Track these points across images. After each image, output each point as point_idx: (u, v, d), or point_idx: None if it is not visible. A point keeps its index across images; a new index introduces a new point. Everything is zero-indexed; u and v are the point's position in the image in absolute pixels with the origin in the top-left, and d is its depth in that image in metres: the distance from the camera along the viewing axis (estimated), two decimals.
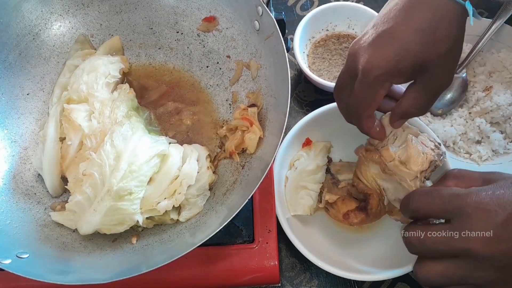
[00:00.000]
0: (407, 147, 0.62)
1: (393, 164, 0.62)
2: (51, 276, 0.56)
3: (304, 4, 0.97)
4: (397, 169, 0.62)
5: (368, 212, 0.66)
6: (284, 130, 0.61)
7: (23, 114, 0.75)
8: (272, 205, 0.70)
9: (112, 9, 0.80)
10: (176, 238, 0.65)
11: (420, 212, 0.54)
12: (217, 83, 0.78)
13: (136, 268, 0.56)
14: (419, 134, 0.65)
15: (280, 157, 0.73)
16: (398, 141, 0.65)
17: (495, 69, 0.83)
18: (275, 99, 0.69)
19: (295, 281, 0.74)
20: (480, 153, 0.78)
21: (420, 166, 0.60)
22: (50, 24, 0.78)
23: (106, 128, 0.68)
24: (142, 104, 0.76)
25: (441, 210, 0.52)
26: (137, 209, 0.63)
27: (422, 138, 0.64)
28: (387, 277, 0.68)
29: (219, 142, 0.75)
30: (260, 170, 0.63)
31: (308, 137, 0.77)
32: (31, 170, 0.72)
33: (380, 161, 0.64)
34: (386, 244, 0.72)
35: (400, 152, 0.63)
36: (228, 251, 0.68)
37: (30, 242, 0.64)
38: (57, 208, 0.69)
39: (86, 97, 0.71)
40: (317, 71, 0.86)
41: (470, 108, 0.81)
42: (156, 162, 0.65)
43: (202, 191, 0.68)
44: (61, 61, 0.78)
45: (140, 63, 0.81)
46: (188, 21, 0.80)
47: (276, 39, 0.67)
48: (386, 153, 0.63)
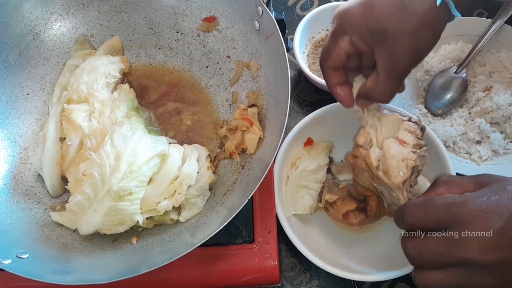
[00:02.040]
0: (384, 157, 0.58)
1: (378, 174, 0.59)
2: (51, 276, 0.56)
3: (304, 4, 0.97)
4: (382, 180, 0.59)
5: (368, 213, 0.66)
6: (284, 130, 0.61)
7: (23, 114, 0.75)
8: (272, 205, 0.70)
9: (112, 9, 0.80)
10: (176, 238, 0.65)
11: (415, 226, 0.53)
12: (217, 83, 0.78)
13: (136, 268, 0.56)
14: (395, 117, 0.61)
15: (281, 155, 0.73)
16: (375, 130, 0.63)
17: (495, 69, 0.83)
18: (275, 99, 0.69)
19: (295, 281, 0.74)
20: (480, 153, 0.78)
21: (402, 178, 0.57)
22: (50, 24, 0.78)
23: (106, 128, 0.68)
24: (142, 104, 0.76)
25: (437, 221, 0.51)
26: (137, 209, 0.63)
27: (401, 134, 0.59)
28: (387, 278, 0.68)
29: (219, 142, 0.75)
30: (260, 170, 0.63)
31: (309, 137, 0.77)
32: (31, 170, 0.72)
33: (367, 169, 0.61)
34: (386, 245, 0.72)
35: (381, 161, 0.59)
36: (228, 251, 0.68)
37: (30, 242, 0.64)
38: (57, 208, 0.69)
39: (86, 97, 0.71)
40: (317, 71, 0.86)
41: (470, 108, 0.81)
42: (156, 162, 0.65)
43: (202, 191, 0.68)
44: (61, 61, 0.78)
45: (140, 63, 0.81)
46: (188, 21, 0.80)
47: (276, 39, 0.67)
48: (369, 160, 0.60)
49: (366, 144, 0.63)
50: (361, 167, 0.62)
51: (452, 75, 0.82)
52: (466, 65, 0.82)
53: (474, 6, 0.95)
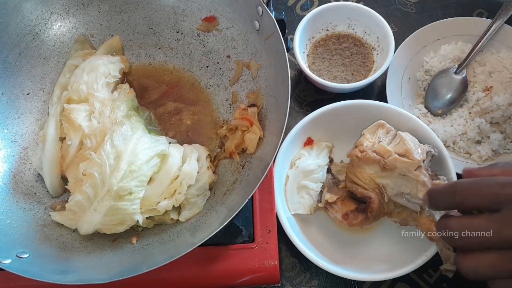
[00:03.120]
0: (401, 142, 0.67)
1: (394, 158, 0.65)
2: (51, 276, 0.56)
3: (304, 4, 0.97)
4: (398, 162, 0.64)
5: (368, 215, 0.66)
6: (284, 130, 0.61)
7: (23, 114, 0.75)
8: (272, 205, 0.70)
9: (112, 9, 0.80)
10: (176, 238, 0.65)
11: (465, 203, 0.52)
12: (217, 83, 0.78)
13: (136, 268, 0.56)
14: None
15: (281, 155, 0.73)
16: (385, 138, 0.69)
17: (495, 69, 0.83)
18: (275, 99, 0.69)
19: (295, 281, 0.74)
20: (480, 153, 0.78)
21: (420, 156, 0.65)
22: (50, 24, 0.78)
23: (106, 128, 0.68)
24: (142, 104, 0.76)
25: (490, 200, 0.50)
26: (137, 209, 0.63)
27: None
28: (387, 278, 0.68)
29: (219, 142, 0.75)
30: (260, 170, 0.63)
31: (309, 137, 0.77)
32: (31, 170, 0.72)
33: (378, 159, 0.65)
34: (386, 245, 0.72)
35: (395, 147, 0.66)
36: (228, 251, 0.68)
37: (30, 242, 0.64)
38: (57, 208, 0.69)
39: (86, 97, 0.71)
40: (317, 71, 0.86)
41: (470, 108, 0.81)
42: (156, 162, 0.65)
43: (202, 191, 0.68)
44: (61, 61, 0.78)
45: (140, 63, 0.81)
46: (188, 21, 0.80)
47: (276, 39, 0.67)
48: (382, 149, 0.66)
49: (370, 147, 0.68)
50: (370, 159, 0.66)
51: (452, 75, 0.82)
52: (466, 65, 0.82)
53: (474, 6, 0.95)
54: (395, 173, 0.65)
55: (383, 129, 0.71)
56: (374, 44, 0.87)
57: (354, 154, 0.68)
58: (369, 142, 0.69)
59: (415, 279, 0.73)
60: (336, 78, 0.85)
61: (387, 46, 0.83)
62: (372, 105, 0.75)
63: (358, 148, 0.69)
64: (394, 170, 0.65)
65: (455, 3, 0.96)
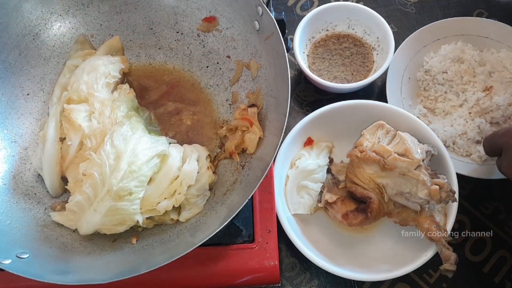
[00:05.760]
0: (401, 142, 0.67)
1: (393, 158, 0.65)
2: (51, 276, 0.56)
3: (304, 4, 0.97)
4: (398, 161, 0.65)
5: (368, 215, 0.66)
6: (284, 130, 0.61)
7: (23, 114, 0.75)
8: (272, 205, 0.70)
9: (112, 9, 0.80)
10: (176, 238, 0.65)
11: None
12: (217, 83, 0.78)
13: (136, 268, 0.56)
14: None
15: (281, 155, 0.73)
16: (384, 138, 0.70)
17: (495, 69, 0.83)
18: (275, 99, 0.69)
19: (295, 281, 0.74)
20: (480, 153, 0.78)
21: (420, 155, 0.65)
22: (50, 24, 0.78)
23: (106, 128, 0.68)
24: (142, 104, 0.76)
25: None
26: (137, 209, 0.63)
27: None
28: (387, 278, 0.68)
29: (219, 142, 0.75)
30: (260, 170, 0.63)
31: (309, 137, 0.77)
32: (31, 170, 0.72)
33: (378, 158, 0.66)
34: (386, 245, 0.72)
35: (395, 147, 0.67)
36: (228, 251, 0.68)
37: (30, 242, 0.64)
38: (57, 208, 0.69)
39: (86, 97, 0.71)
40: (317, 71, 0.86)
41: (470, 108, 0.81)
42: (156, 162, 0.65)
43: (202, 191, 0.68)
44: (61, 61, 0.78)
45: (140, 63, 0.81)
46: (188, 21, 0.80)
47: (276, 39, 0.67)
48: (382, 148, 0.67)
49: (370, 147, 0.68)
50: (370, 159, 0.66)
51: None
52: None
53: (474, 6, 0.95)
54: (395, 172, 0.65)
55: (382, 129, 0.71)
56: (374, 44, 0.87)
57: (354, 154, 0.68)
58: (368, 142, 0.69)
59: (415, 279, 0.73)
60: (336, 78, 0.85)
61: (387, 46, 0.83)
62: (372, 105, 0.75)
63: (358, 148, 0.69)
64: (394, 169, 0.65)
65: (455, 3, 0.96)
